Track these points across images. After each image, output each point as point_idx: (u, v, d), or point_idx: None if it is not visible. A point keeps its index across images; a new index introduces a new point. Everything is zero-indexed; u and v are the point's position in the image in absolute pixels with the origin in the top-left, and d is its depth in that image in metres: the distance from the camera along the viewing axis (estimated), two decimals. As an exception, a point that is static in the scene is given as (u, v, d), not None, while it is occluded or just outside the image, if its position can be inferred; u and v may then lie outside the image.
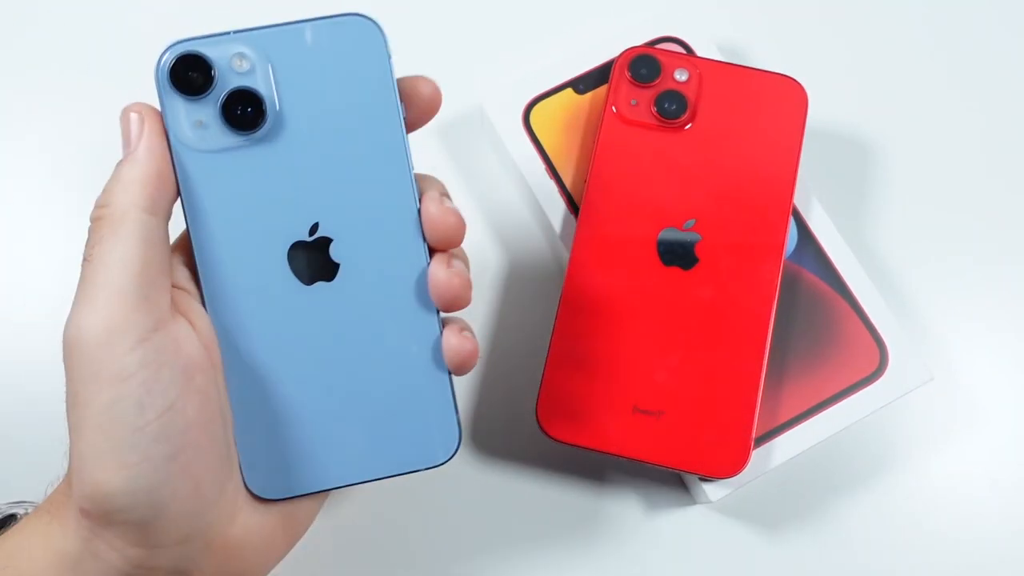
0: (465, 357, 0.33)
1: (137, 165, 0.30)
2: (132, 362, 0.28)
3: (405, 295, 0.33)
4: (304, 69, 0.31)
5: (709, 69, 0.42)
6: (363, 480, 0.33)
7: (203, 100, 0.31)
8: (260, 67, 0.31)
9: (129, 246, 0.29)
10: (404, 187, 0.32)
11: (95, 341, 0.28)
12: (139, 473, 0.28)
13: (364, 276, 0.32)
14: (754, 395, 0.39)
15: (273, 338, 0.32)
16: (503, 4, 0.50)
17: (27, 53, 0.48)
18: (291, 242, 0.32)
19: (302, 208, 0.32)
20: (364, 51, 0.32)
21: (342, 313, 0.32)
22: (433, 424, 0.33)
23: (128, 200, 0.29)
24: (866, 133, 0.49)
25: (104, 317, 0.28)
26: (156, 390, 0.29)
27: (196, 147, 0.31)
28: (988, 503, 0.44)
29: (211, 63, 0.31)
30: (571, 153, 0.44)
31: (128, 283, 0.29)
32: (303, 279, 0.32)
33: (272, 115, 0.31)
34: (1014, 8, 0.52)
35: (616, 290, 0.40)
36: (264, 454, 0.32)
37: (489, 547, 0.43)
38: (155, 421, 0.28)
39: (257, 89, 0.31)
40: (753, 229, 0.40)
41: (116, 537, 0.29)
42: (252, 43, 0.31)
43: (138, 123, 0.30)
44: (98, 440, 0.28)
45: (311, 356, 0.32)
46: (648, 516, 0.43)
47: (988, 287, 0.47)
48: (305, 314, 0.32)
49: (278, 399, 0.32)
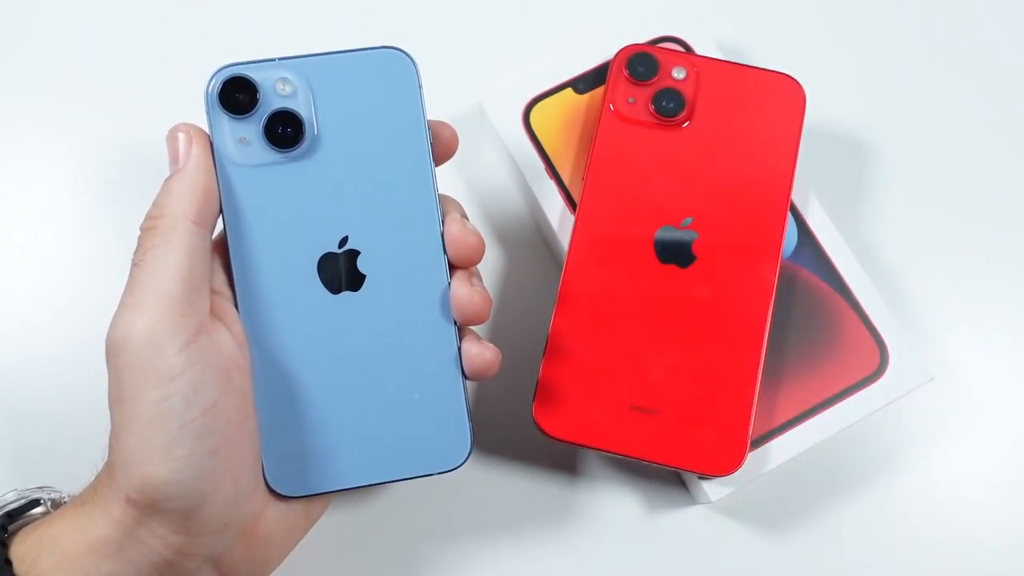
0: (487, 364, 0.35)
1: (187, 179, 0.32)
2: (180, 362, 0.30)
3: (427, 308, 0.35)
4: (342, 95, 0.34)
5: (707, 67, 0.42)
6: (377, 482, 0.35)
7: (247, 119, 0.34)
8: (302, 92, 0.34)
9: (178, 254, 0.31)
10: (429, 207, 0.35)
11: (145, 342, 0.30)
12: (185, 465, 0.30)
13: (389, 288, 0.35)
14: (751, 393, 0.39)
15: (299, 342, 0.34)
16: (503, 4, 0.51)
17: (29, 53, 0.49)
18: (321, 253, 0.34)
19: (333, 222, 0.34)
20: (398, 81, 0.34)
21: (366, 322, 0.34)
22: (447, 430, 0.35)
23: (179, 211, 0.32)
24: (866, 132, 0.49)
25: (154, 319, 0.30)
26: (201, 389, 0.31)
27: (239, 162, 0.34)
28: (988, 503, 0.44)
29: (257, 86, 0.33)
30: (571, 153, 0.44)
31: (176, 288, 0.31)
32: (331, 288, 0.34)
33: (310, 135, 0.34)
34: (1013, 8, 0.52)
35: (613, 288, 0.40)
36: (284, 452, 0.34)
37: (486, 546, 0.43)
38: (200, 417, 0.30)
39: (297, 111, 0.34)
40: (750, 227, 0.40)
41: (160, 525, 0.31)
42: (295, 69, 0.34)
43: (186, 141, 0.33)
44: (147, 434, 0.30)
45: (334, 361, 0.34)
46: (648, 516, 0.43)
47: (988, 287, 0.47)
48: (331, 321, 0.34)
49: (301, 400, 0.34)
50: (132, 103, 0.48)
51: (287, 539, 0.35)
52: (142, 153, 0.46)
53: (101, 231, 0.46)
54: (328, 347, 0.34)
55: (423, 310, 0.35)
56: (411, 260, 0.35)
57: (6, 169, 0.47)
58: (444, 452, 0.35)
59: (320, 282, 0.34)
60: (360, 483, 0.35)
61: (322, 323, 0.34)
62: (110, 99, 0.48)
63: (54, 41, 0.49)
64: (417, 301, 0.35)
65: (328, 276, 0.34)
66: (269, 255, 0.34)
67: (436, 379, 0.35)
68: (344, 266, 0.34)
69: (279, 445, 0.34)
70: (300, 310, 0.34)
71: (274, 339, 0.34)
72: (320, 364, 0.34)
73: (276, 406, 0.34)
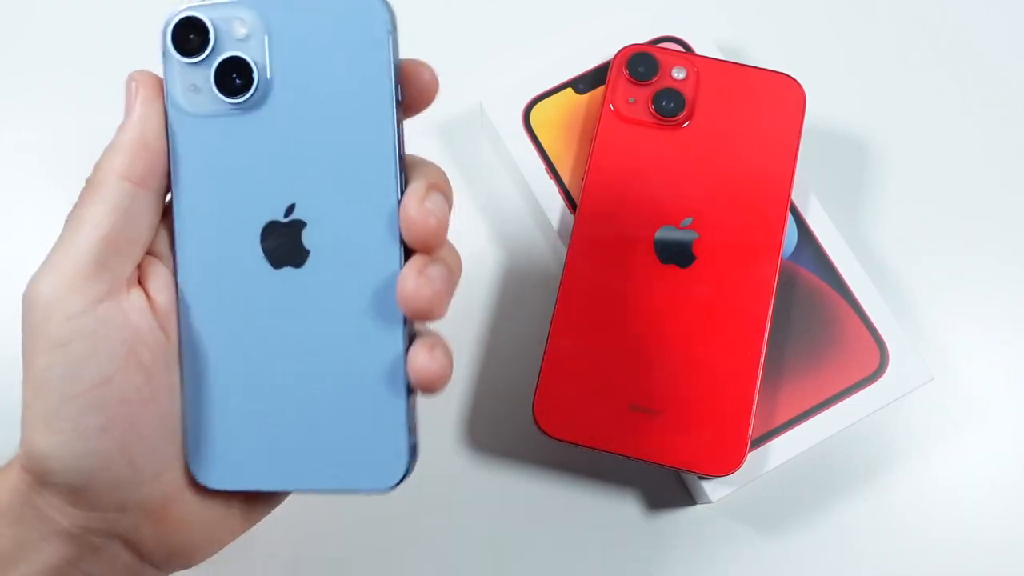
0: (431, 378, 0.29)
1: (126, 132, 0.30)
2: (67, 331, 0.28)
3: (371, 298, 0.30)
4: (302, 40, 0.30)
5: (707, 67, 0.42)
6: (298, 489, 0.31)
7: (200, 65, 0.30)
8: (257, 34, 0.30)
9: (99, 211, 0.29)
10: (387, 176, 0.29)
11: (42, 303, 0.28)
12: (67, 440, 0.28)
13: (332, 269, 0.30)
14: (751, 393, 0.39)
15: (231, 321, 0.30)
16: (503, 4, 0.51)
17: (29, 53, 0.49)
18: (266, 220, 0.30)
19: (281, 186, 0.30)
20: (366, 27, 0.29)
21: (304, 306, 0.30)
22: (381, 446, 0.30)
23: (109, 166, 0.29)
24: (866, 132, 0.49)
25: (57, 281, 0.28)
26: (89, 362, 0.28)
27: (188, 110, 0.30)
28: (988, 503, 0.44)
29: (209, 27, 0.30)
30: (571, 153, 0.44)
31: (87, 249, 0.28)
32: (272, 261, 0.30)
33: (263, 84, 0.30)
34: (1012, 8, 0.52)
35: (613, 288, 0.40)
36: (206, 440, 0.31)
37: (486, 546, 0.43)
38: (87, 392, 0.28)
39: (247, 57, 0.30)
40: (750, 227, 0.40)
41: (52, 495, 0.29)
42: (254, 8, 0.30)
43: (133, 89, 0.30)
44: (31, 401, 0.28)
45: (267, 347, 0.30)
46: (648, 516, 0.43)
47: (988, 287, 0.47)
48: (267, 300, 0.30)
49: (226, 386, 0.31)
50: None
51: (215, 528, 0.32)
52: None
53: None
54: (262, 330, 0.30)
55: (367, 300, 0.29)
56: (361, 239, 0.29)
57: (5, 169, 0.47)
58: (375, 469, 0.30)
59: (262, 253, 0.30)
60: (279, 487, 0.31)
61: (258, 301, 0.30)
62: (110, 99, 0.48)
63: (54, 41, 0.49)
64: (362, 288, 0.29)
65: (270, 247, 0.30)
66: (210, 218, 0.30)
67: (374, 385, 0.29)
68: (288, 239, 0.30)
69: (200, 431, 0.30)
70: (236, 284, 0.30)
71: (205, 314, 0.30)
72: (251, 348, 0.30)
73: (199, 388, 0.30)
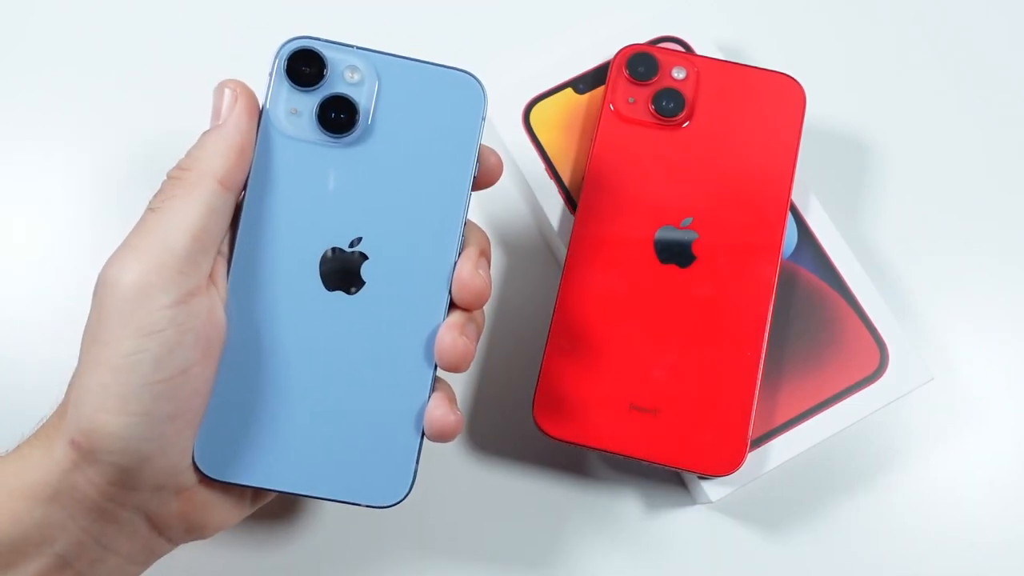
0: (445, 431, 0.33)
1: (223, 138, 0.32)
2: (162, 319, 0.29)
3: (410, 339, 0.34)
4: (405, 100, 0.34)
5: (707, 67, 0.42)
6: (303, 493, 0.34)
7: (307, 93, 0.33)
8: (368, 84, 0.34)
9: (195, 210, 0.30)
10: (451, 235, 0.34)
11: (135, 288, 0.29)
12: (138, 423, 0.29)
13: (382, 304, 0.34)
14: (751, 393, 0.39)
15: (274, 327, 0.33)
16: (503, 4, 0.51)
17: (29, 53, 0.49)
18: (330, 246, 0.34)
19: (352, 220, 0.34)
20: (463, 105, 0.34)
21: (347, 329, 0.34)
22: (391, 468, 0.34)
23: (208, 168, 0.31)
24: (866, 132, 0.49)
25: (151, 269, 0.29)
26: (177, 352, 0.30)
27: (284, 132, 0.33)
28: (988, 503, 0.44)
29: (327, 64, 0.33)
30: (571, 153, 0.44)
31: (183, 244, 0.30)
32: (327, 283, 0.33)
33: (363, 127, 0.34)
34: (1012, 8, 0.52)
35: (613, 288, 0.40)
36: (222, 434, 0.33)
37: (486, 546, 0.43)
38: (167, 380, 0.30)
39: (357, 100, 0.33)
40: (750, 227, 0.40)
41: (96, 474, 0.30)
42: (368, 61, 0.34)
43: (231, 99, 0.32)
44: (108, 382, 0.29)
45: (303, 358, 0.33)
46: (648, 516, 0.43)
47: (988, 287, 0.47)
48: (312, 316, 0.33)
49: (257, 387, 0.33)
50: (134, 102, 0.48)
51: (228, 510, 0.34)
52: (143, 152, 0.46)
53: (102, 230, 0.46)
54: (301, 341, 0.33)
55: (407, 339, 0.34)
56: (414, 283, 0.34)
57: (6, 169, 0.47)
58: (381, 487, 0.34)
59: (318, 274, 0.33)
60: (283, 488, 0.34)
61: (304, 315, 0.33)
62: (110, 100, 0.48)
63: (54, 41, 0.49)
64: (405, 328, 0.34)
65: (328, 271, 0.33)
66: (277, 232, 0.33)
67: (396, 415, 0.34)
68: (348, 267, 0.34)
69: (219, 424, 0.33)
70: (286, 296, 0.33)
71: (252, 317, 0.33)
72: (288, 356, 0.33)
73: (232, 386, 0.33)
